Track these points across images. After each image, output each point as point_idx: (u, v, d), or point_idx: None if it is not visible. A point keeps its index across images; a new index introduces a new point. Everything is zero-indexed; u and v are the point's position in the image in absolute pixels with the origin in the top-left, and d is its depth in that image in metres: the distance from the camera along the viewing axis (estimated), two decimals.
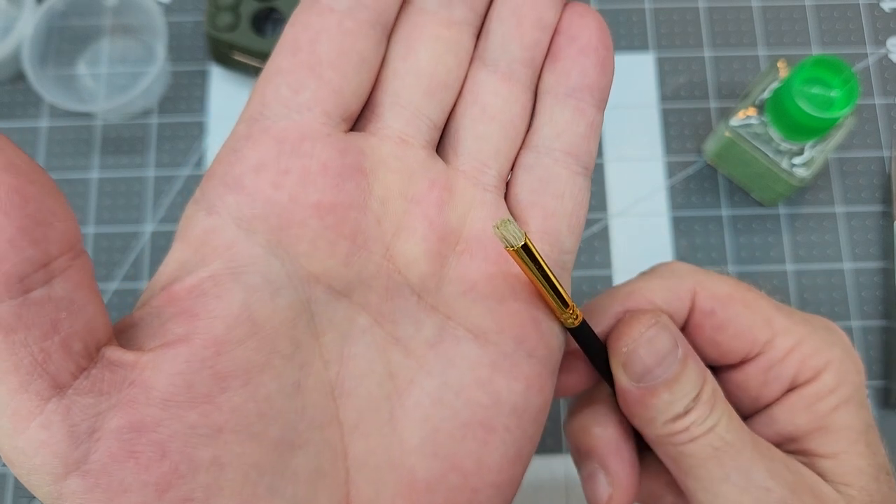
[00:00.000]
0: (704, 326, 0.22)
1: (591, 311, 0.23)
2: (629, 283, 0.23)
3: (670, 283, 0.23)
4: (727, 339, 0.22)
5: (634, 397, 0.21)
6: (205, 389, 0.16)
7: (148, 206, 0.44)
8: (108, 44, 0.46)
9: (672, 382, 0.21)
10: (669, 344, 0.21)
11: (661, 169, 0.44)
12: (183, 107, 0.45)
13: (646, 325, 0.21)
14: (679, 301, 0.22)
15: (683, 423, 0.21)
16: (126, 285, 0.42)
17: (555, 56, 0.21)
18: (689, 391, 0.21)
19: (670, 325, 0.22)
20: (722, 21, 0.46)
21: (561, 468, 0.40)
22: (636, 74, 0.45)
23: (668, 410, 0.21)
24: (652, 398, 0.21)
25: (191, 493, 0.16)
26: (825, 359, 0.22)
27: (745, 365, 0.23)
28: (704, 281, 0.23)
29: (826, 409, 0.21)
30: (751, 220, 0.43)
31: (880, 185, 0.44)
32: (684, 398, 0.21)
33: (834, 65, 0.37)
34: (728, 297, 0.22)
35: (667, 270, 0.23)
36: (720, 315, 0.22)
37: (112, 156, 0.44)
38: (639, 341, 0.21)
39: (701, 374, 0.21)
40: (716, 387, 0.21)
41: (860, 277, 0.42)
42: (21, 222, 0.14)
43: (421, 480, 0.18)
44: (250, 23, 0.43)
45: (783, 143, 0.39)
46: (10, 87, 0.45)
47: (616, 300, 0.23)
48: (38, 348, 0.15)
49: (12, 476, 0.40)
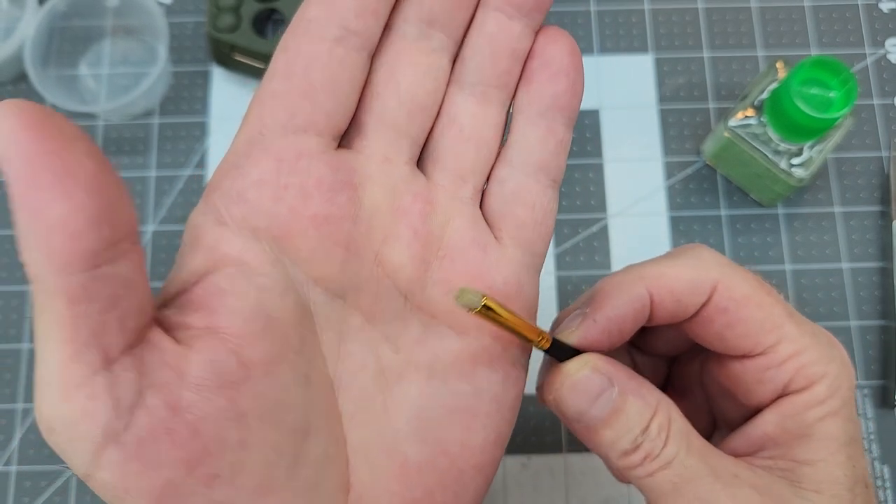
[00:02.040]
0: (715, 321, 0.23)
1: (614, 289, 0.23)
2: (655, 266, 0.23)
3: (694, 273, 0.23)
4: (734, 337, 0.23)
5: (579, 433, 0.22)
6: (231, 377, 0.18)
7: (149, 207, 0.44)
8: (109, 44, 0.46)
9: (610, 419, 0.21)
10: (598, 385, 0.22)
11: (660, 169, 0.44)
12: (184, 107, 0.45)
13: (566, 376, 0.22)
14: (697, 294, 0.23)
15: (635, 459, 0.21)
16: None
17: (528, 79, 0.22)
18: (633, 426, 0.21)
19: (602, 365, 0.22)
20: (721, 22, 0.47)
21: (561, 468, 0.40)
22: (635, 75, 0.46)
23: (616, 447, 0.21)
24: (595, 436, 0.22)
25: (218, 471, 0.17)
26: (821, 371, 0.22)
27: (745, 359, 0.23)
28: (727, 277, 0.23)
29: (813, 418, 0.22)
30: (749, 220, 0.43)
31: (879, 185, 0.44)
32: (628, 434, 0.21)
33: (832, 65, 0.37)
34: (745, 297, 0.22)
35: (693, 257, 0.23)
36: (733, 314, 0.22)
37: (113, 156, 0.45)
38: (560, 390, 0.22)
39: (647, 408, 0.21)
40: (672, 416, 0.22)
41: (858, 277, 0.42)
42: (100, 204, 0.16)
43: (413, 464, 0.21)
44: (251, 24, 0.43)
45: (782, 144, 0.39)
46: (12, 88, 0.46)
47: (640, 281, 0.23)
48: (97, 320, 0.16)
49: (14, 474, 0.40)
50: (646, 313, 0.23)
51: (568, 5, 0.47)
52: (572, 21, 0.47)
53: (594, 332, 0.23)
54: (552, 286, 0.42)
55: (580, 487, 0.40)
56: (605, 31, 0.46)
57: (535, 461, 0.40)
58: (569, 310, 0.24)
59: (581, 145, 0.44)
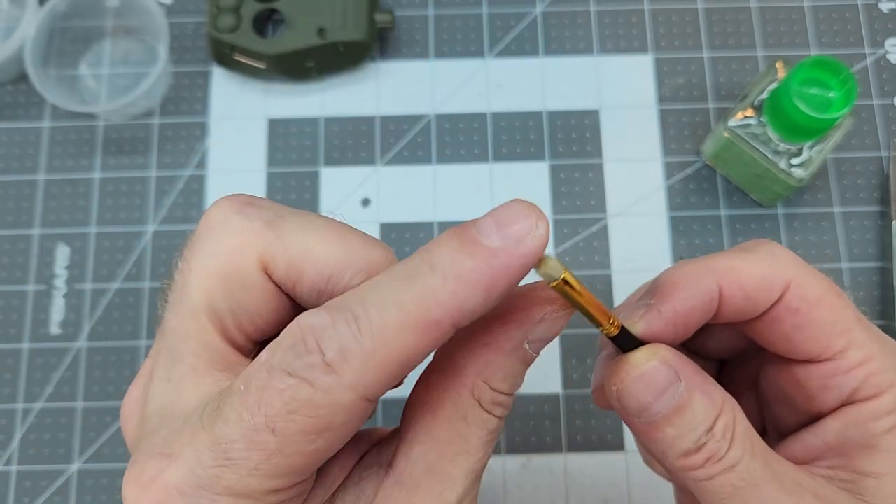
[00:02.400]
0: (785, 322, 0.22)
1: (683, 280, 0.22)
2: (726, 259, 0.22)
3: (768, 270, 0.22)
4: (802, 339, 0.22)
5: (638, 430, 0.21)
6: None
7: (150, 207, 0.44)
8: (109, 45, 0.46)
9: (674, 417, 0.20)
10: (666, 379, 0.21)
11: (659, 169, 0.44)
12: (184, 107, 0.45)
13: (634, 366, 0.21)
14: (770, 291, 0.22)
15: (697, 460, 0.20)
16: (127, 285, 0.43)
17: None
18: (697, 425, 0.20)
19: (670, 357, 0.21)
20: (720, 22, 0.47)
21: (561, 468, 0.40)
22: (635, 75, 0.46)
23: (677, 446, 0.20)
24: (656, 433, 0.21)
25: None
26: (890, 380, 0.21)
27: (810, 365, 0.22)
28: (801, 277, 0.22)
29: (880, 429, 0.21)
30: (749, 220, 0.43)
31: (878, 185, 0.44)
32: (692, 433, 0.20)
33: (832, 66, 0.37)
34: (818, 298, 0.22)
35: (766, 253, 0.22)
36: (804, 316, 0.22)
37: (114, 156, 0.45)
38: (626, 380, 0.21)
39: (713, 407, 0.20)
40: (737, 417, 0.21)
41: (858, 277, 0.42)
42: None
43: None
44: (251, 24, 0.43)
45: (781, 144, 0.39)
46: (13, 88, 0.46)
47: (710, 274, 0.22)
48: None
49: (14, 474, 0.40)
50: (714, 308, 0.22)
51: (568, 5, 0.47)
52: (572, 21, 0.47)
53: (659, 325, 0.22)
54: None
55: (580, 488, 0.40)
56: (605, 32, 0.46)
57: (535, 461, 0.40)
58: (630, 298, 0.23)
59: (581, 145, 0.44)
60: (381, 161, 0.44)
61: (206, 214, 0.21)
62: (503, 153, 0.44)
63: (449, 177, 0.44)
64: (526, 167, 0.44)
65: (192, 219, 0.43)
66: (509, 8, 0.47)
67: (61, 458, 0.40)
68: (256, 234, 0.20)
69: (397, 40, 0.47)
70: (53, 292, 0.43)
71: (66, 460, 0.40)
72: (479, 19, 0.47)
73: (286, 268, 0.20)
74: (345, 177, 0.44)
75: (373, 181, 0.44)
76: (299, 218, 0.20)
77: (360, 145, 0.45)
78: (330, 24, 0.43)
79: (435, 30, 0.47)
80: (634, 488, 0.40)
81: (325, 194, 0.44)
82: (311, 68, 0.44)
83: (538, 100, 0.45)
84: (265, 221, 0.20)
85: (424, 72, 0.46)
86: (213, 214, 0.20)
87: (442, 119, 0.45)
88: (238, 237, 0.20)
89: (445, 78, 0.46)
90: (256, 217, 0.20)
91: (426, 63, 0.46)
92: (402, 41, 0.47)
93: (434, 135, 0.45)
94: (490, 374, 0.20)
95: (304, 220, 0.20)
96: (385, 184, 0.44)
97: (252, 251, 0.20)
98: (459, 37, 0.46)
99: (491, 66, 0.46)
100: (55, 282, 0.43)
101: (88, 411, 0.41)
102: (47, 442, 0.41)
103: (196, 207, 0.44)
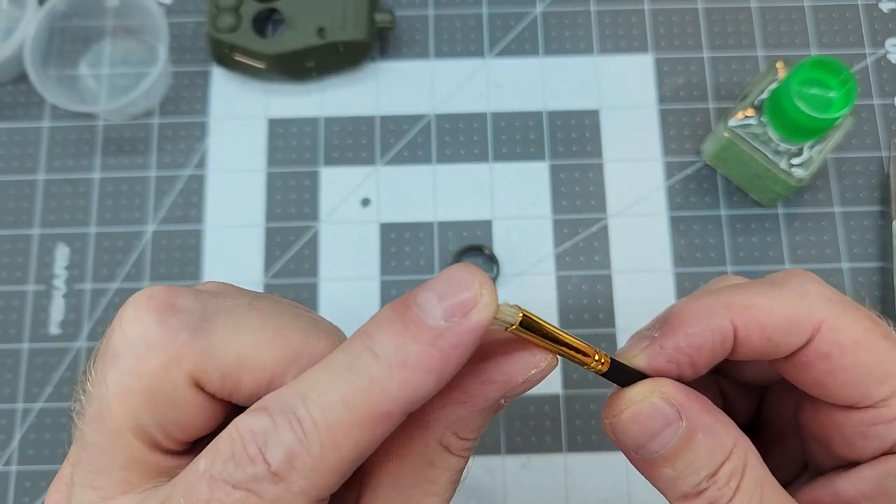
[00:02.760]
0: (814, 367, 0.20)
1: (693, 317, 0.20)
2: (746, 293, 0.20)
3: (793, 309, 0.20)
4: (836, 385, 0.20)
5: (637, 465, 0.20)
6: None
7: (149, 207, 0.44)
8: (109, 45, 0.46)
9: (672, 458, 0.19)
10: (665, 417, 0.19)
11: (660, 169, 0.44)
12: (184, 107, 0.45)
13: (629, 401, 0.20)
14: (795, 334, 0.20)
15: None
16: (127, 285, 0.43)
17: None
18: (699, 468, 0.19)
19: (673, 394, 0.20)
20: (721, 22, 0.47)
21: (561, 468, 0.40)
22: (635, 75, 0.46)
23: (676, 487, 0.19)
24: (653, 471, 0.20)
25: None
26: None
27: (849, 410, 0.20)
28: (834, 317, 0.20)
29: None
30: (749, 220, 0.43)
31: (878, 185, 0.44)
32: (692, 476, 0.19)
33: (832, 66, 0.37)
34: (854, 342, 0.20)
35: (795, 289, 0.20)
36: (836, 362, 0.20)
37: (113, 156, 0.45)
38: (620, 417, 0.20)
39: (720, 450, 0.19)
40: (749, 463, 0.19)
41: (858, 277, 0.42)
42: None
43: None
44: (251, 24, 0.43)
45: (782, 144, 0.39)
46: (13, 88, 0.46)
47: (724, 310, 0.20)
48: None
49: (14, 474, 0.40)
50: (727, 347, 0.20)
51: (568, 5, 0.47)
52: (572, 21, 0.47)
53: (660, 361, 0.20)
54: (553, 286, 0.42)
55: (580, 488, 0.40)
56: (606, 31, 0.46)
57: (534, 461, 0.40)
58: (641, 330, 0.21)
59: (581, 145, 0.44)
60: (381, 161, 0.44)
61: (122, 323, 0.18)
62: (503, 153, 0.44)
63: (449, 177, 0.44)
64: (526, 167, 0.44)
65: (192, 219, 0.43)
66: (509, 8, 0.47)
67: (61, 459, 0.40)
68: (183, 348, 0.18)
69: (397, 40, 0.47)
70: (53, 292, 0.43)
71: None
72: (479, 19, 0.47)
73: (221, 379, 0.18)
74: (345, 176, 0.44)
75: (373, 181, 0.44)
76: (229, 318, 0.18)
77: (360, 145, 0.45)
78: (330, 24, 0.43)
79: (435, 30, 0.47)
80: (634, 489, 0.40)
81: (324, 194, 0.44)
82: (311, 68, 0.44)
83: (538, 100, 0.45)
84: (191, 330, 0.18)
85: (424, 72, 0.46)
86: (130, 327, 0.18)
87: (442, 119, 0.45)
88: (162, 354, 0.18)
89: (445, 78, 0.46)
90: (181, 327, 0.18)
91: (426, 63, 0.46)
92: (402, 41, 0.47)
93: (434, 135, 0.45)
94: (461, 427, 0.19)
95: (235, 321, 0.18)
96: (385, 184, 0.44)
97: (180, 368, 0.18)
98: (459, 37, 0.46)
99: (491, 65, 0.46)
100: (55, 282, 0.43)
101: None
102: (47, 442, 0.41)
103: (196, 207, 0.44)
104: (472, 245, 0.43)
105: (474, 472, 0.40)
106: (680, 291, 0.42)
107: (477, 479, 0.40)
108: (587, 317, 0.42)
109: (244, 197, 0.44)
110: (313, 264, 0.43)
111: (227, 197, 0.44)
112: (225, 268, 0.43)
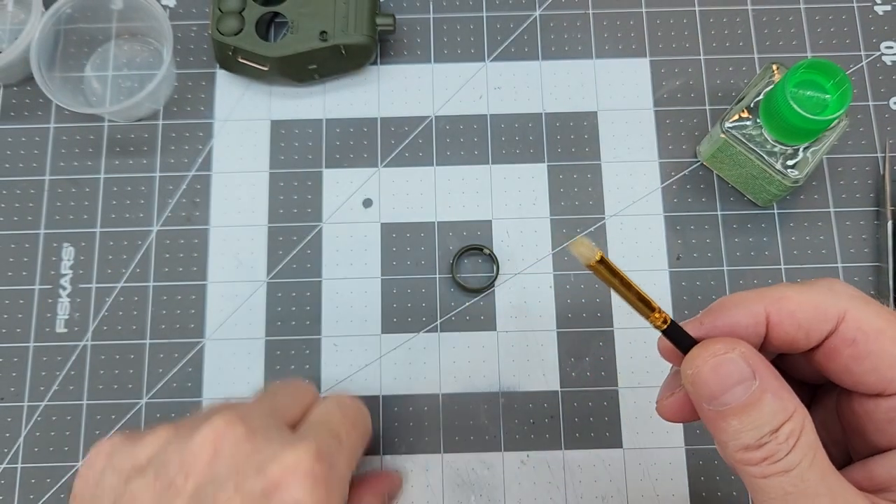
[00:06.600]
0: (841, 353, 0.22)
1: (731, 303, 0.23)
2: (778, 288, 0.23)
3: (820, 299, 0.22)
4: (862, 372, 0.22)
5: (706, 417, 0.22)
6: None
7: (154, 207, 0.44)
8: (114, 47, 0.47)
9: (741, 412, 0.21)
10: (740, 373, 0.21)
11: (656, 170, 0.45)
12: (188, 109, 0.46)
13: (712, 354, 0.21)
14: (822, 321, 0.22)
15: (755, 456, 0.21)
16: (132, 284, 0.43)
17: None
18: (763, 424, 0.21)
19: (749, 355, 0.21)
20: (717, 25, 0.47)
21: (559, 464, 0.40)
22: (632, 78, 0.46)
23: (739, 439, 0.21)
24: (721, 422, 0.21)
25: None
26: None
27: (878, 398, 0.22)
28: (857, 309, 0.22)
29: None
30: (745, 220, 0.44)
31: (873, 185, 0.44)
32: (755, 430, 0.21)
33: (827, 68, 0.37)
34: (877, 331, 0.22)
35: (823, 286, 0.23)
36: (861, 347, 0.22)
37: (118, 157, 0.45)
38: (702, 367, 0.21)
39: (783, 411, 0.21)
40: (806, 428, 0.21)
41: (853, 277, 0.43)
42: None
43: None
44: (255, 27, 0.44)
45: (777, 145, 0.40)
46: (19, 90, 0.46)
47: (761, 301, 0.22)
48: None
49: (19, 472, 0.41)
50: (760, 333, 0.22)
51: (566, 9, 0.47)
52: (570, 25, 0.47)
53: (697, 334, 0.22)
54: (551, 285, 0.43)
55: (578, 484, 0.40)
56: (603, 35, 0.47)
57: (534, 457, 0.41)
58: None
59: (579, 147, 0.45)
60: (382, 162, 0.45)
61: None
62: (502, 155, 0.45)
63: (449, 178, 0.45)
64: (525, 169, 0.45)
65: (196, 219, 0.44)
66: (508, 12, 0.47)
67: (66, 456, 0.41)
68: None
69: (398, 43, 0.47)
70: (59, 292, 0.43)
71: (71, 458, 0.41)
72: (479, 23, 0.47)
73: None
74: (347, 178, 0.45)
75: (374, 182, 0.45)
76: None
77: (362, 147, 0.45)
78: (332, 28, 0.44)
79: (435, 33, 0.47)
80: (632, 485, 0.40)
81: (327, 195, 0.44)
82: (314, 71, 0.45)
83: (537, 102, 0.46)
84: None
85: (425, 74, 0.46)
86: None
87: (442, 121, 0.46)
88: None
89: (446, 80, 0.46)
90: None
91: (427, 66, 0.47)
92: (403, 44, 0.47)
93: (434, 136, 0.45)
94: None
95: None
96: (386, 185, 0.45)
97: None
98: (459, 40, 0.47)
99: (490, 68, 0.47)
100: (61, 281, 0.43)
101: (93, 409, 0.41)
102: (52, 440, 0.41)
103: (200, 208, 0.44)
104: (472, 245, 0.43)
105: (474, 468, 0.40)
106: (676, 291, 0.43)
107: (477, 475, 0.40)
108: (585, 316, 0.42)
109: (248, 198, 0.44)
110: (315, 264, 0.43)
111: (230, 198, 0.44)
112: (228, 267, 0.43)
